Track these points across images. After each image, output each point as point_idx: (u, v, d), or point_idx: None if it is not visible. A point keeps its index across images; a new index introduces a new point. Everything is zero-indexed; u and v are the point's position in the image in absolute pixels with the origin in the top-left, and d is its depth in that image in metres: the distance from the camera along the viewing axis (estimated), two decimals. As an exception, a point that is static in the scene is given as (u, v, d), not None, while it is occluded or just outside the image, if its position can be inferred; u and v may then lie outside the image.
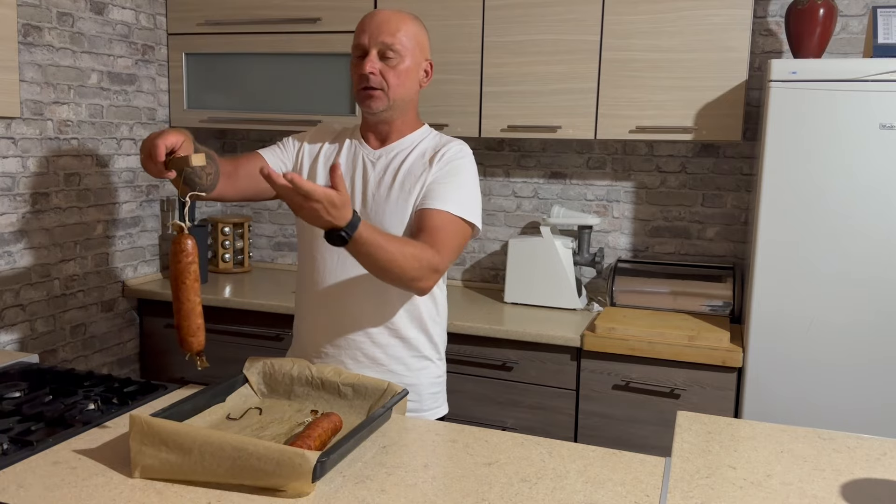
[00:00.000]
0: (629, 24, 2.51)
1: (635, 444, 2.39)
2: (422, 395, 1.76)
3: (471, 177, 1.68)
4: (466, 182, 1.66)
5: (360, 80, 1.62)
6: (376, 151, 1.70)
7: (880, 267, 2.14)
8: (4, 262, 2.46)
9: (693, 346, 2.32)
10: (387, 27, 1.61)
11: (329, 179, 1.37)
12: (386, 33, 1.60)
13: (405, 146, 1.69)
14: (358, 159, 1.71)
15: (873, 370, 2.17)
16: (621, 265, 2.79)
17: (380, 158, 1.69)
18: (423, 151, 1.69)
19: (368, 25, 1.62)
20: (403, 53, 1.62)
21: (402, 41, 1.61)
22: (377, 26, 1.61)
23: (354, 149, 1.73)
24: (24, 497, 1.18)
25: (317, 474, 1.18)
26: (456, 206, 1.60)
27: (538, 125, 2.65)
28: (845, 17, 2.62)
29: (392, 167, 1.67)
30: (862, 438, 1.49)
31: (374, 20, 1.62)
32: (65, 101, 2.63)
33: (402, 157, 1.68)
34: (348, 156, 1.72)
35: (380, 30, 1.61)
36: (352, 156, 1.72)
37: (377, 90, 1.61)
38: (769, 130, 2.20)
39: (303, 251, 1.76)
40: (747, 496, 1.24)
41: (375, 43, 1.60)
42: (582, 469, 1.33)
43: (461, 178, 1.65)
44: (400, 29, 1.62)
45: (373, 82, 1.60)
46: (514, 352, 2.51)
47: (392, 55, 1.61)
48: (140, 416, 1.25)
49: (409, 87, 1.66)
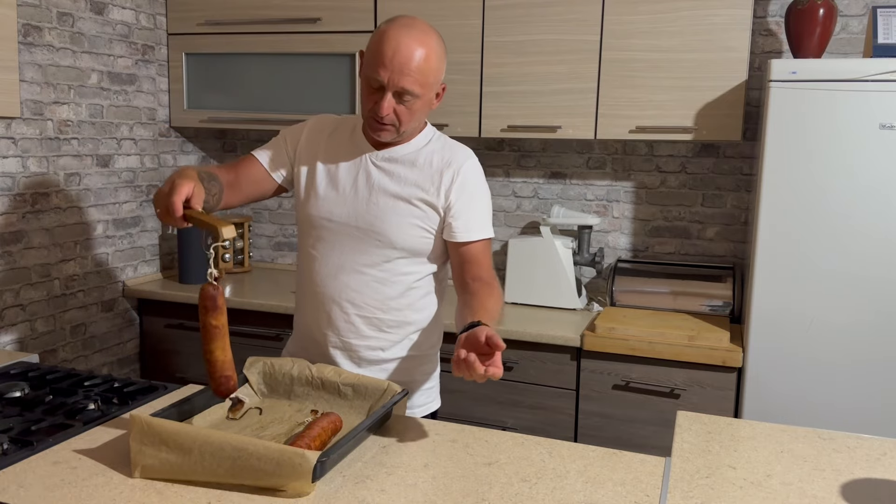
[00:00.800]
0: (629, 24, 2.51)
1: (635, 444, 2.39)
2: (418, 391, 1.78)
3: (487, 192, 1.73)
4: (486, 200, 1.71)
5: (372, 109, 1.57)
6: (380, 153, 1.68)
7: (880, 267, 2.14)
8: (4, 262, 2.46)
9: (693, 346, 2.32)
10: (408, 68, 1.52)
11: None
12: (407, 77, 1.52)
13: (410, 150, 1.68)
14: (361, 160, 1.69)
15: (873, 370, 2.17)
16: (621, 265, 2.79)
17: (384, 162, 1.67)
18: (430, 161, 1.66)
19: (390, 62, 1.51)
20: (421, 94, 1.56)
21: (421, 82, 1.55)
22: (399, 67, 1.51)
23: (356, 145, 1.70)
24: (24, 497, 1.18)
25: (317, 474, 1.18)
26: (487, 229, 1.69)
27: (538, 125, 2.65)
28: (845, 17, 2.62)
29: (397, 174, 1.66)
30: (862, 438, 1.49)
31: (396, 57, 1.51)
32: (65, 101, 2.63)
33: (408, 162, 1.67)
34: (351, 156, 1.71)
35: (402, 72, 1.52)
36: (355, 156, 1.70)
37: (388, 125, 1.59)
38: (769, 130, 2.20)
39: (303, 250, 1.75)
40: (747, 496, 1.24)
41: (394, 86, 1.53)
42: (582, 469, 1.33)
43: (482, 199, 1.70)
44: (422, 70, 1.54)
45: (387, 120, 1.57)
46: (514, 352, 2.51)
47: (409, 98, 1.55)
48: (140, 416, 1.25)
49: (420, 118, 1.63)
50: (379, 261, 1.66)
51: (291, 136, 1.76)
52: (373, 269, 1.66)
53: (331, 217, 1.67)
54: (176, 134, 3.19)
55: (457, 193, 1.64)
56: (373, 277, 1.66)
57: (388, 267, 1.66)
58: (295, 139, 1.75)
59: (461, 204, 1.65)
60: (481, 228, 1.67)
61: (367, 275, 1.66)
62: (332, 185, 1.68)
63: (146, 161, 3.02)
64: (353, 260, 1.67)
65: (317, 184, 1.69)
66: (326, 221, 1.67)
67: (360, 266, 1.66)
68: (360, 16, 2.79)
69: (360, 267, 1.66)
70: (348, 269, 1.67)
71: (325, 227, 1.68)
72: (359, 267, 1.66)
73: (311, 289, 1.73)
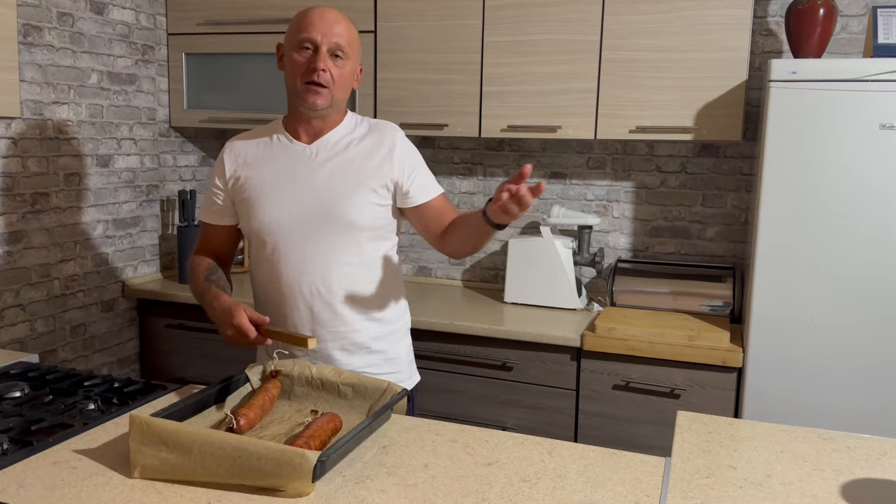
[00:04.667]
0: (629, 24, 2.51)
1: (635, 444, 2.39)
2: (402, 365, 1.82)
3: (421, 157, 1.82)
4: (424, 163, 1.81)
5: (306, 73, 1.64)
6: (311, 146, 1.72)
7: (880, 267, 2.14)
8: (4, 262, 2.46)
9: (693, 346, 2.32)
10: (338, 28, 1.65)
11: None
12: (338, 34, 1.65)
13: (339, 136, 1.73)
14: (292, 155, 1.72)
15: (873, 370, 2.17)
16: (621, 265, 2.79)
17: (318, 153, 1.71)
18: (363, 137, 1.74)
19: (320, 22, 1.64)
20: (350, 56, 1.68)
21: (350, 44, 1.67)
22: (330, 25, 1.64)
23: (284, 146, 1.74)
24: (24, 497, 1.18)
25: (317, 474, 1.18)
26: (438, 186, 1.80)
27: (538, 125, 2.65)
28: (845, 17, 2.62)
29: (337, 159, 1.71)
30: (862, 438, 1.49)
31: (325, 18, 1.65)
32: (65, 101, 2.63)
33: (343, 146, 1.72)
34: (279, 153, 1.73)
35: (332, 30, 1.64)
36: (284, 152, 1.73)
37: (324, 88, 1.65)
38: (769, 130, 2.20)
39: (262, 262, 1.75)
40: (747, 496, 1.24)
41: (328, 42, 1.64)
42: (582, 469, 1.33)
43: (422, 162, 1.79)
44: (349, 32, 1.68)
45: (323, 79, 1.64)
46: (514, 352, 2.51)
47: (341, 55, 1.66)
48: (140, 416, 1.25)
49: (348, 88, 1.72)
50: (346, 245, 1.69)
51: (218, 175, 1.79)
52: (343, 254, 1.69)
53: (284, 219, 1.69)
54: (176, 134, 3.19)
55: (400, 164, 1.72)
56: (345, 262, 1.70)
57: (356, 249, 1.70)
58: (221, 175, 1.78)
59: (409, 170, 1.73)
60: (435, 185, 1.78)
61: (339, 262, 1.69)
62: (276, 188, 1.70)
63: (146, 161, 3.02)
64: (321, 252, 1.69)
65: (259, 193, 1.71)
66: (280, 225, 1.69)
67: (330, 254, 1.69)
68: (360, 16, 2.79)
69: (330, 255, 1.69)
70: (319, 261, 1.69)
71: (281, 231, 1.70)
72: (329, 256, 1.69)
73: (282, 294, 1.72)
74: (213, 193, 1.79)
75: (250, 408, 1.42)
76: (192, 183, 3.29)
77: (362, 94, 2.83)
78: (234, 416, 1.37)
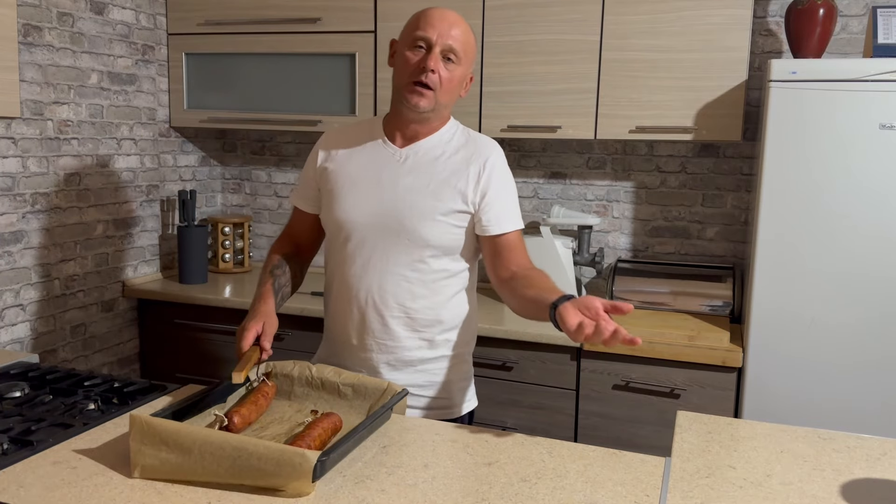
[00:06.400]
0: (629, 24, 2.51)
1: (635, 444, 2.39)
2: (451, 392, 1.75)
3: (513, 183, 1.72)
4: (514, 191, 1.71)
5: (414, 72, 1.58)
6: (402, 150, 1.67)
7: (880, 267, 2.14)
8: (4, 262, 2.46)
9: (693, 346, 2.32)
10: (455, 31, 1.58)
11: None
12: (454, 37, 1.58)
13: (432, 144, 1.67)
14: (381, 156, 1.68)
15: (873, 370, 2.17)
16: (621, 265, 2.79)
17: (407, 159, 1.66)
18: (457, 151, 1.66)
19: (438, 22, 1.58)
20: (462, 62, 1.61)
21: (464, 49, 1.60)
22: (448, 27, 1.58)
23: (376, 145, 1.70)
24: (24, 497, 1.18)
25: (317, 474, 1.18)
26: (519, 220, 1.69)
27: (538, 125, 2.65)
28: (845, 17, 2.62)
29: (423, 169, 1.65)
30: (862, 438, 1.49)
31: (445, 19, 1.58)
32: (65, 101, 2.63)
33: (434, 156, 1.66)
34: (369, 151, 1.70)
35: (449, 32, 1.58)
36: (373, 151, 1.69)
37: (429, 90, 1.58)
38: (769, 130, 2.20)
39: (332, 256, 1.73)
40: (747, 496, 1.24)
41: (443, 42, 1.57)
42: (582, 469, 1.33)
43: (511, 190, 1.69)
44: (465, 37, 1.61)
45: (430, 80, 1.57)
46: (514, 352, 2.51)
47: (453, 59, 1.59)
48: (140, 416, 1.25)
49: (454, 95, 1.64)
50: (411, 259, 1.64)
51: (311, 162, 1.77)
52: (405, 268, 1.64)
53: (358, 218, 1.65)
54: (176, 134, 3.19)
55: (484, 187, 1.64)
56: (405, 277, 1.64)
57: (420, 266, 1.64)
58: (314, 162, 1.76)
59: (491, 196, 1.64)
60: (514, 219, 1.67)
61: (399, 274, 1.64)
62: (357, 186, 1.67)
63: (146, 161, 3.02)
64: (384, 260, 1.64)
65: (341, 188, 1.68)
66: (354, 223, 1.66)
67: (392, 266, 1.64)
68: (360, 16, 2.79)
69: (392, 266, 1.64)
70: (380, 269, 1.65)
71: (354, 230, 1.66)
72: (391, 266, 1.64)
73: (342, 293, 1.70)
74: (305, 179, 1.77)
75: (242, 404, 1.42)
76: (192, 183, 3.30)
77: (362, 93, 2.83)
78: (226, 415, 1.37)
